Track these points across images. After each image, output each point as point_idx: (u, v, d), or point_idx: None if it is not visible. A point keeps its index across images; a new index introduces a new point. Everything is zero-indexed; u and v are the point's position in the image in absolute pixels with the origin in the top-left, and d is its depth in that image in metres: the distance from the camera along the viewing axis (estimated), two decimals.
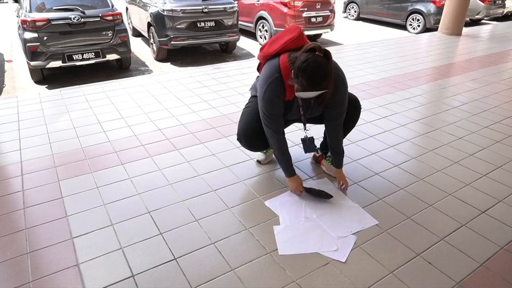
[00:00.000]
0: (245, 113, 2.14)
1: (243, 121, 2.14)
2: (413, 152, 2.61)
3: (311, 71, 1.60)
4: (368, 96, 3.62)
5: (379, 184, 2.23)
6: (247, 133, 2.11)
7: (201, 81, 4.12)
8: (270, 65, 1.84)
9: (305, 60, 1.61)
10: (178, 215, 1.94)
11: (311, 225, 1.87)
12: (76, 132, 2.86)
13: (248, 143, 2.18)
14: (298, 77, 1.64)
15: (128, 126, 2.96)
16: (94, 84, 4.07)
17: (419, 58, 5.10)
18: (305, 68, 1.60)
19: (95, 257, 1.67)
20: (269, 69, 1.82)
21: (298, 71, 1.63)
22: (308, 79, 1.62)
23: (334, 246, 1.74)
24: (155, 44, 6.43)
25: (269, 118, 1.89)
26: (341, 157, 2.12)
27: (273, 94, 1.82)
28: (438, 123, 3.08)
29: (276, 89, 1.81)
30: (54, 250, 1.71)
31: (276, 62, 1.81)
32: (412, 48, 5.74)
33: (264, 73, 1.85)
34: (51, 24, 4.93)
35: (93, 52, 5.29)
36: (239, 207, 2.01)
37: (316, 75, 1.61)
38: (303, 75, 1.62)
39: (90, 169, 2.35)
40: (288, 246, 1.74)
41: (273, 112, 1.88)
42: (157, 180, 2.24)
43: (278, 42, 1.86)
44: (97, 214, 1.95)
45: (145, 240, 1.77)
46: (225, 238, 1.78)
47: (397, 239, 1.79)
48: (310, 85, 1.64)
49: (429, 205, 2.05)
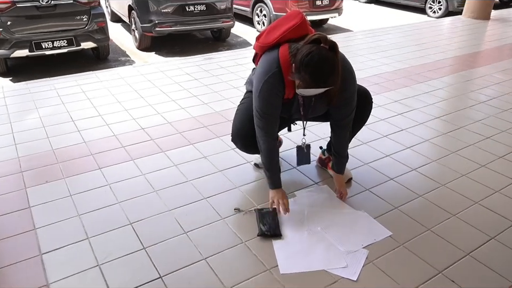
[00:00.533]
0: (240, 111, 2.15)
1: (238, 119, 2.14)
2: (433, 154, 2.62)
3: (315, 66, 1.60)
4: (381, 90, 3.63)
5: (394, 190, 2.23)
6: (243, 133, 2.12)
7: (190, 73, 4.13)
8: (267, 57, 1.84)
9: (308, 53, 1.61)
10: (164, 227, 1.93)
11: (316, 238, 1.87)
12: (46, 132, 2.85)
13: (244, 144, 2.18)
14: (300, 72, 1.64)
15: (107, 125, 2.96)
16: (67, 76, 4.06)
17: (440, 46, 5.12)
18: (308, 61, 1.60)
19: (68, 276, 1.67)
20: (267, 62, 1.82)
21: (300, 66, 1.63)
22: (311, 75, 1.62)
23: (343, 262, 1.74)
24: (137, 30, 6.43)
25: (262, 117, 1.88)
26: (344, 161, 2.12)
27: (270, 91, 1.82)
28: (462, 121, 3.10)
29: (273, 85, 1.80)
30: (20, 269, 1.70)
31: (274, 54, 1.81)
32: (432, 34, 5.77)
33: (261, 66, 1.85)
34: (16, 7, 4.92)
35: (65, 39, 5.28)
36: (234, 218, 2.01)
37: (321, 70, 1.61)
38: (306, 70, 1.62)
39: (63, 175, 2.34)
40: (291, 263, 1.74)
41: (268, 111, 1.87)
42: (139, 186, 2.24)
43: (277, 30, 1.85)
44: (71, 226, 1.94)
45: (126, 255, 1.77)
46: (219, 253, 1.78)
47: (415, 253, 1.80)
48: (314, 82, 1.63)
49: (452, 214, 2.06)
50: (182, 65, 4.40)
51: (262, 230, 1.88)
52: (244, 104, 2.15)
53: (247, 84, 2.20)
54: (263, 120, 1.89)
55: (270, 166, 1.99)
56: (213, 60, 4.58)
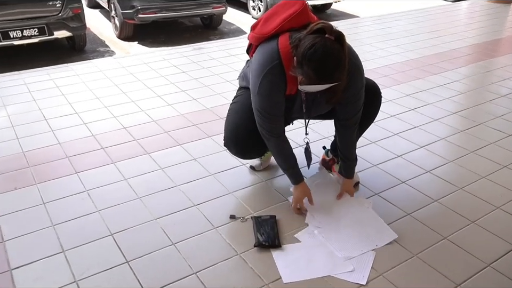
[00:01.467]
0: (233, 111, 2.14)
1: (231, 121, 2.14)
2: (449, 154, 2.63)
3: (319, 60, 1.60)
4: (391, 83, 3.65)
5: (406, 194, 2.24)
6: (237, 137, 2.11)
7: (177, 65, 4.13)
8: (265, 49, 1.83)
9: (311, 45, 1.60)
10: (149, 238, 1.93)
11: (315, 242, 1.90)
12: (15, 132, 2.84)
13: (239, 149, 2.18)
14: (302, 67, 1.64)
15: (84, 124, 2.95)
16: (39, 69, 4.05)
17: (457, 34, 5.15)
18: (311, 55, 1.59)
19: None
20: (265, 55, 1.81)
21: (303, 59, 1.62)
22: (315, 70, 1.61)
23: (350, 266, 1.77)
24: (117, 17, 6.42)
25: (265, 117, 1.88)
26: (352, 164, 2.13)
27: (271, 87, 1.81)
28: (482, 116, 3.11)
29: (274, 81, 1.80)
30: None
31: (273, 45, 1.80)
32: (448, 20, 5.79)
33: (258, 59, 1.84)
34: None
35: (36, 27, 5.26)
36: (228, 227, 2.01)
37: (326, 65, 1.61)
38: (309, 64, 1.61)
39: (35, 180, 2.34)
40: (293, 270, 1.75)
41: (272, 110, 1.87)
42: (121, 192, 2.24)
43: (274, 19, 1.84)
44: (44, 238, 1.93)
45: (106, 270, 1.76)
46: (211, 266, 1.78)
47: (430, 265, 1.81)
48: (318, 77, 1.63)
49: (471, 221, 2.07)
50: (168, 56, 4.40)
51: (259, 240, 1.89)
52: (236, 103, 2.15)
53: (240, 78, 2.20)
54: (266, 120, 1.89)
55: (287, 162, 2.03)
56: (203, 50, 4.58)
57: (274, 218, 2.00)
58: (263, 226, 1.96)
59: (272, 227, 1.95)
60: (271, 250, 1.86)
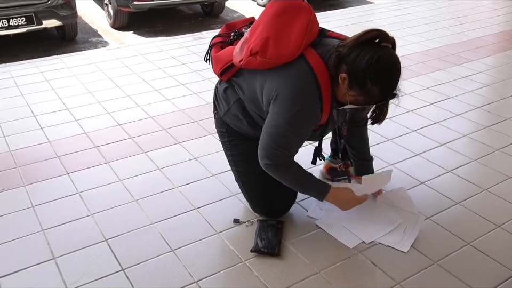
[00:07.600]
0: (249, 184, 2.03)
1: (254, 194, 2.03)
2: (473, 153, 2.62)
3: (389, 73, 1.53)
4: (409, 75, 3.63)
5: (425, 196, 2.24)
6: (268, 202, 2.01)
7: (176, 56, 4.13)
8: (292, 71, 1.66)
9: (377, 58, 1.50)
10: (146, 244, 1.94)
11: None
12: (1, 129, 2.86)
13: (275, 214, 2.06)
14: (365, 85, 1.54)
15: (76, 120, 2.97)
16: (26, 61, 4.06)
17: (481, 20, 5.11)
18: (380, 69, 1.51)
19: None
20: (295, 77, 1.65)
21: (367, 76, 1.51)
22: (383, 86, 1.54)
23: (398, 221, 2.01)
24: (111, 5, 6.43)
25: (284, 151, 1.74)
26: (371, 164, 2.16)
27: (307, 116, 1.67)
28: (509, 111, 3.10)
29: (312, 109, 1.65)
30: None
31: (301, 65, 1.64)
32: (471, 6, 5.75)
33: (287, 83, 1.66)
34: None
35: (23, 16, 5.26)
36: (231, 231, 2.01)
37: (394, 79, 1.55)
38: (377, 80, 1.52)
39: (23, 181, 2.35)
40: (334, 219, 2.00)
41: (297, 145, 1.78)
42: (116, 194, 2.25)
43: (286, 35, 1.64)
44: (33, 244, 1.94)
45: (100, 279, 1.77)
46: (213, 275, 1.79)
47: (451, 273, 1.80)
48: (385, 93, 1.56)
49: (497, 225, 2.06)
50: (166, 47, 4.40)
51: (258, 246, 1.89)
52: (250, 175, 2.00)
53: (232, 116, 1.94)
54: (281, 154, 1.76)
55: (307, 186, 1.87)
56: (203, 40, 4.57)
57: (281, 224, 2.00)
58: (266, 231, 1.95)
59: (276, 233, 1.94)
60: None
